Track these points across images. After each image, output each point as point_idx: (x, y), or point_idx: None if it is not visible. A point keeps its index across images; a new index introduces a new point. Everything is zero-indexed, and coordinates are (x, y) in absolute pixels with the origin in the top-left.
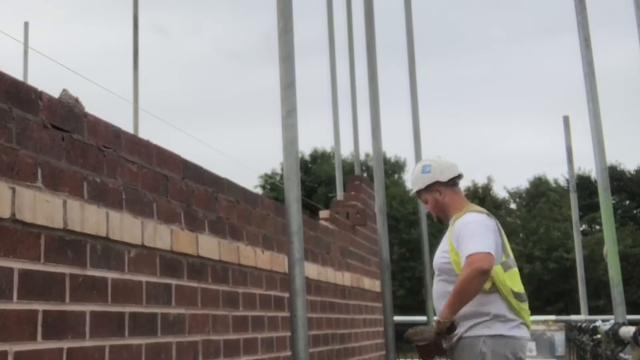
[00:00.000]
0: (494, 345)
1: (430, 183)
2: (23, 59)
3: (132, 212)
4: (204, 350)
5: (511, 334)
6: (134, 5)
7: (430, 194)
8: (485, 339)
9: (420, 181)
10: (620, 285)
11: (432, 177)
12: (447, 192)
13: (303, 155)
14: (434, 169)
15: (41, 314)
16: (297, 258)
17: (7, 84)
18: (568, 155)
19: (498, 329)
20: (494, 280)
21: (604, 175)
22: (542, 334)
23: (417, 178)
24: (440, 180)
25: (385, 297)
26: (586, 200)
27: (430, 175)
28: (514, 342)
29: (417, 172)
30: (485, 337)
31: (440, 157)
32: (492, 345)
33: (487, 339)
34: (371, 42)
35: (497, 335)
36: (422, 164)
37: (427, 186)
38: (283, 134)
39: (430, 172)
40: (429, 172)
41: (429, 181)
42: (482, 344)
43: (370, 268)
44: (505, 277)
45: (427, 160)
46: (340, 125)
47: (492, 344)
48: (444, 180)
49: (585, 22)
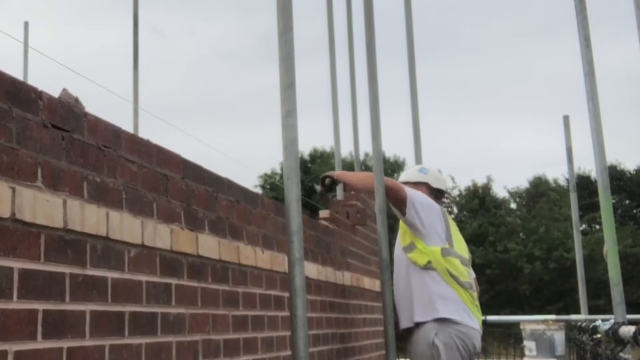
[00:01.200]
0: (444, 336)
1: (421, 181)
2: (23, 59)
3: (132, 211)
4: (204, 350)
5: (455, 318)
6: (134, 5)
7: (416, 189)
8: (436, 331)
9: (413, 176)
10: (620, 285)
11: (425, 178)
12: (429, 193)
13: (303, 155)
14: (430, 174)
15: (41, 314)
16: (297, 258)
17: (7, 83)
18: (568, 155)
19: (442, 312)
20: (430, 258)
21: (604, 175)
22: (542, 334)
23: (412, 173)
24: (429, 184)
25: (385, 297)
26: (586, 200)
27: (424, 176)
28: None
29: (415, 170)
30: (436, 328)
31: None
32: (443, 337)
33: (438, 329)
34: (371, 42)
35: (444, 320)
36: (422, 166)
37: (417, 182)
38: (283, 134)
39: (426, 175)
40: (425, 174)
41: (421, 179)
42: (434, 336)
43: (370, 268)
44: (443, 260)
45: (426, 166)
46: (340, 125)
47: (442, 336)
48: (432, 186)
49: (585, 22)
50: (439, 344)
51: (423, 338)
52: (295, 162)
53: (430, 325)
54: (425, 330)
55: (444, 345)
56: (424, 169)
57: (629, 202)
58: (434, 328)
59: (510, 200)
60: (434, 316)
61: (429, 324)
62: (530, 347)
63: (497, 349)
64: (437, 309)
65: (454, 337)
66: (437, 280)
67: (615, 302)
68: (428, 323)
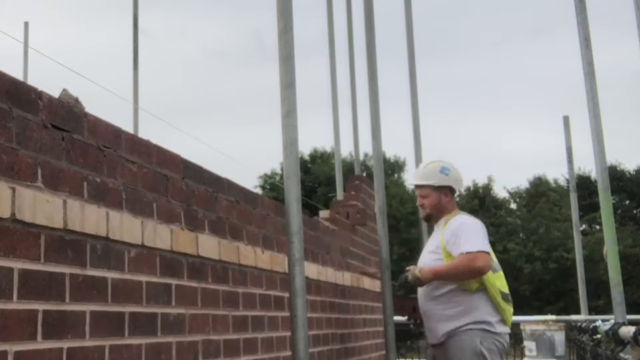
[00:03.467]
0: (487, 342)
1: (444, 185)
2: (23, 59)
3: (132, 211)
4: (204, 350)
5: (496, 330)
6: (134, 6)
7: (437, 193)
8: (480, 338)
9: (435, 178)
10: (620, 285)
11: (448, 180)
12: (450, 197)
13: (303, 155)
14: (452, 175)
15: (41, 314)
16: (297, 258)
17: (7, 83)
18: (568, 155)
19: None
20: (483, 281)
21: (604, 175)
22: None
23: (432, 174)
24: (452, 187)
25: (385, 297)
26: (586, 200)
27: (447, 177)
28: (499, 337)
29: (435, 169)
30: (480, 334)
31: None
32: (486, 342)
33: (482, 336)
34: (371, 41)
35: (486, 332)
36: (442, 165)
37: (440, 186)
38: (283, 134)
39: (449, 176)
40: (447, 175)
41: (445, 183)
42: (479, 343)
43: (370, 268)
44: (495, 278)
45: (446, 164)
46: (340, 125)
47: (486, 342)
48: (454, 188)
49: (585, 22)
50: (484, 351)
51: (469, 346)
52: (295, 162)
53: (475, 333)
54: (469, 339)
55: (488, 352)
56: (445, 168)
57: (629, 202)
58: (478, 336)
59: (510, 200)
60: (480, 327)
61: (474, 332)
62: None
63: None
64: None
65: (496, 342)
66: (483, 305)
67: (615, 303)
68: (473, 331)
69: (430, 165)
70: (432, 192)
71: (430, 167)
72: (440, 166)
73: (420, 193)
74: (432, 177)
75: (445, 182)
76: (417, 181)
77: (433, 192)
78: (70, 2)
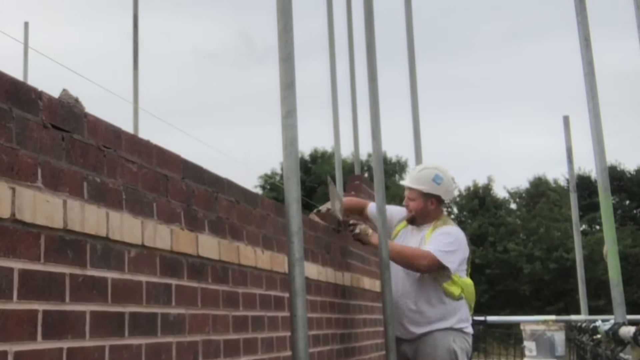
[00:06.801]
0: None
1: (432, 193)
2: (23, 59)
3: (132, 212)
4: (204, 350)
5: (468, 330)
6: (134, 6)
7: (424, 199)
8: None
9: (426, 185)
10: (620, 285)
11: (438, 189)
12: (437, 206)
13: (303, 155)
14: (443, 185)
15: (41, 314)
16: (297, 258)
17: (7, 84)
18: (568, 155)
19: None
20: (463, 290)
21: (604, 175)
22: (542, 334)
23: (425, 179)
24: (440, 197)
25: (385, 297)
26: (586, 200)
27: (438, 187)
28: (468, 338)
29: (428, 176)
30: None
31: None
32: (459, 341)
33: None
34: (371, 42)
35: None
36: (436, 172)
37: (428, 193)
38: (283, 134)
39: (440, 185)
40: (439, 184)
41: (434, 191)
42: (452, 341)
43: (370, 268)
44: (471, 287)
45: (441, 172)
46: (340, 125)
47: (459, 341)
48: (442, 199)
49: (585, 22)
50: (457, 350)
51: (442, 344)
52: (295, 162)
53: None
54: (443, 337)
55: (460, 351)
56: (438, 176)
57: (629, 202)
58: (452, 335)
59: (510, 200)
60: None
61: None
62: (530, 347)
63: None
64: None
65: (466, 342)
66: (463, 309)
67: (615, 303)
68: (447, 330)
69: (425, 170)
70: (420, 197)
71: (425, 172)
72: (434, 174)
73: (409, 195)
74: (423, 183)
75: (434, 191)
76: (408, 183)
77: (420, 197)
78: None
